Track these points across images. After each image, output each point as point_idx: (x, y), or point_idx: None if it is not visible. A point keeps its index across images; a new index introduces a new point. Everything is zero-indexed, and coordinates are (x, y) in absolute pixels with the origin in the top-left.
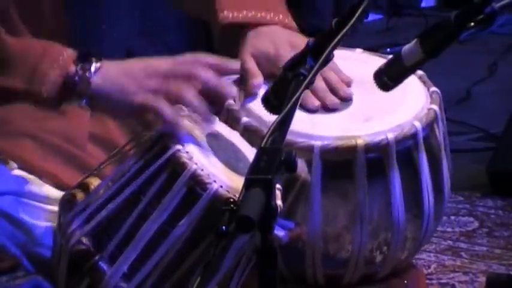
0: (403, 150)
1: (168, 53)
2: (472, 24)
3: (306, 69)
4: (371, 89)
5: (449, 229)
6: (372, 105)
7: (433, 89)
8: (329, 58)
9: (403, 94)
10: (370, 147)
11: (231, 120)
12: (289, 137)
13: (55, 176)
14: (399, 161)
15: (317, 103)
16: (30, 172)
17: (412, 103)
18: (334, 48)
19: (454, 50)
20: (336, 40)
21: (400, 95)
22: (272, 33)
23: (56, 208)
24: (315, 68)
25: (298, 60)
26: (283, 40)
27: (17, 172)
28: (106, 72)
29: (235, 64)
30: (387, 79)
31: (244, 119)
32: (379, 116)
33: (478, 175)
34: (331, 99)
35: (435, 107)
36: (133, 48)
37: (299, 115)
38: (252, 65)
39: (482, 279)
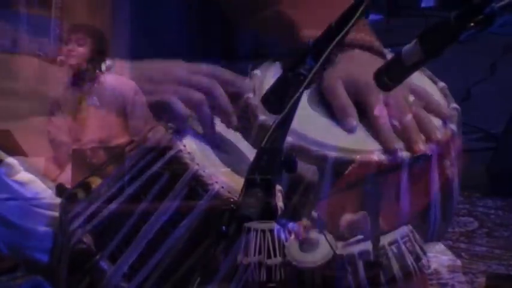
0: (416, 168)
1: (168, 53)
2: (472, 24)
3: (306, 69)
4: None
5: (449, 229)
6: None
7: (454, 105)
8: (329, 58)
9: None
10: (383, 164)
11: (248, 115)
12: (303, 143)
13: (58, 175)
14: (410, 178)
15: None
16: (34, 172)
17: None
18: (334, 48)
19: (454, 50)
20: (336, 40)
21: None
22: (362, 58)
23: (56, 213)
24: (315, 68)
25: (298, 60)
26: (370, 66)
27: (21, 175)
28: (118, 72)
29: (247, 84)
30: (387, 79)
31: (262, 117)
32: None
33: (478, 175)
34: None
35: (453, 126)
36: (133, 48)
37: (318, 121)
38: (346, 101)
39: (482, 279)
